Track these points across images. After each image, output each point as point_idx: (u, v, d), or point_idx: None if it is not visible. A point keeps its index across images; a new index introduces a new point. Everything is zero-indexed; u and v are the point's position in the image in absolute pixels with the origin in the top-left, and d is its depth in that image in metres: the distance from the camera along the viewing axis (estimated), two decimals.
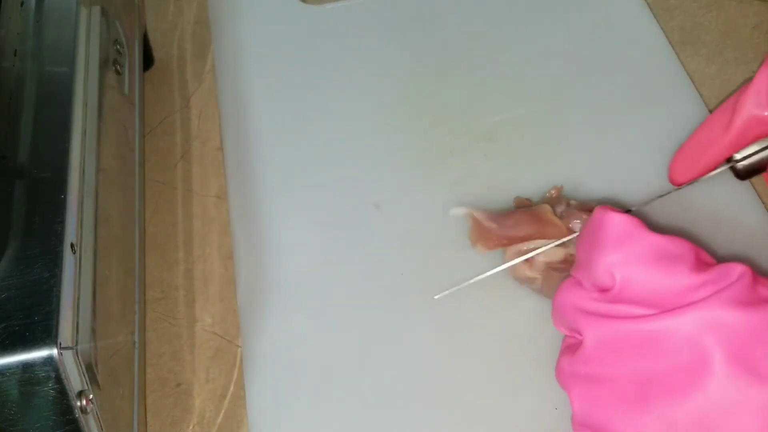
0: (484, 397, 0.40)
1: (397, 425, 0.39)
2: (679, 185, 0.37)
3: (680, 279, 0.34)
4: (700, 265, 0.34)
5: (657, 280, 0.34)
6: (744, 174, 0.34)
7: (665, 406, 0.32)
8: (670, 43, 0.53)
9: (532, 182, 0.47)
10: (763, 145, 0.35)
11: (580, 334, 0.36)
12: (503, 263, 0.42)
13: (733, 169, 0.34)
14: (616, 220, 0.36)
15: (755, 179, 0.43)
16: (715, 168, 0.35)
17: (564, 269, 0.41)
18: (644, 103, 0.50)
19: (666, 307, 0.33)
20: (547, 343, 0.41)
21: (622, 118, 0.49)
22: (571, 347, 0.37)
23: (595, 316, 0.35)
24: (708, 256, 0.36)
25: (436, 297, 0.42)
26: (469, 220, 0.44)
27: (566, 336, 0.38)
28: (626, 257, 0.35)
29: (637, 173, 0.47)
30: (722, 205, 0.44)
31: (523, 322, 0.42)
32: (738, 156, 0.34)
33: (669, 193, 0.38)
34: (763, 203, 0.45)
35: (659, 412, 0.33)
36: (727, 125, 0.34)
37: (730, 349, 0.32)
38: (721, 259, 0.35)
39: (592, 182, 0.46)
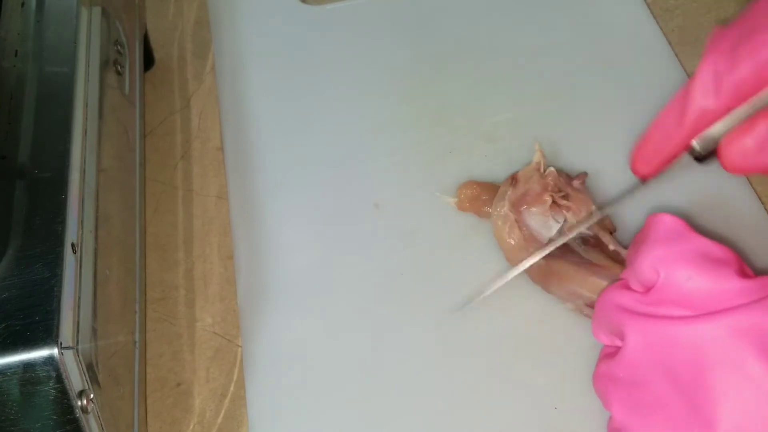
0: (484, 397, 0.40)
1: (397, 424, 0.39)
2: (645, 179, 0.38)
3: (724, 282, 0.34)
4: (744, 273, 0.35)
5: (700, 281, 0.34)
6: (703, 158, 0.34)
7: (706, 411, 0.32)
8: (669, 43, 0.53)
9: None
10: (719, 129, 0.34)
11: (621, 338, 0.36)
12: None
13: (691, 154, 0.35)
14: (666, 220, 0.37)
15: None
16: (674, 159, 0.35)
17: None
18: (645, 104, 0.50)
19: (707, 310, 0.33)
20: (548, 343, 0.41)
21: (623, 119, 0.49)
22: (609, 355, 0.37)
23: (637, 315, 0.35)
24: (749, 268, 0.36)
25: (455, 313, 0.42)
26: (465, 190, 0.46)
27: (605, 346, 0.38)
28: (671, 254, 0.35)
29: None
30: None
31: (524, 322, 0.42)
32: (695, 142, 0.34)
33: (637, 189, 0.39)
34: None
35: (701, 417, 0.32)
36: (680, 120, 0.34)
37: (763, 350, 0.31)
38: (759, 272, 0.36)
39: (593, 182, 0.46)
